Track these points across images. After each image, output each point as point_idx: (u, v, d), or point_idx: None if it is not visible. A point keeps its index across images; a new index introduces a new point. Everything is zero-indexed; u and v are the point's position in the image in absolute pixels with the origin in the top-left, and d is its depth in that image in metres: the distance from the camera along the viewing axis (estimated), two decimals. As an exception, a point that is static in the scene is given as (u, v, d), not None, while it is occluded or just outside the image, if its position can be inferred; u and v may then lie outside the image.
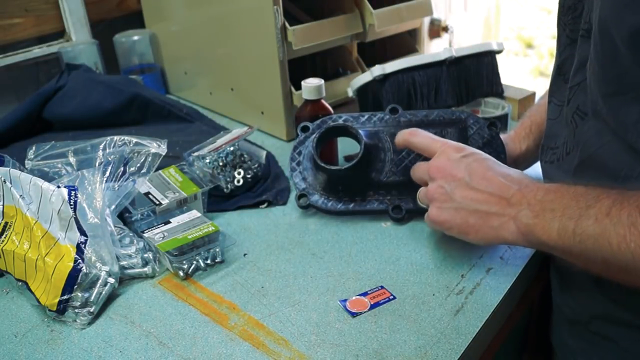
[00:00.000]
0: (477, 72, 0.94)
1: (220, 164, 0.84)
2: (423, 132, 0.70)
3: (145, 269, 0.70)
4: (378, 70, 0.93)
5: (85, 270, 0.64)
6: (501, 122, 0.97)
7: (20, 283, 0.67)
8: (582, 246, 0.51)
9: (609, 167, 0.56)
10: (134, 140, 0.78)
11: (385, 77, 0.93)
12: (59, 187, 0.67)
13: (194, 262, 0.70)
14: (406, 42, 1.21)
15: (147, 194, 0.77)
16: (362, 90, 0.98)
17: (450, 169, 0.63)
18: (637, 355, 0.60)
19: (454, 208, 0.62)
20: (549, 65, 4.09)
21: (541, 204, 0.56)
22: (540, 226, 0.55)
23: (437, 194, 0.63)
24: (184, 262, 0.70)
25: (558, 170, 0.65)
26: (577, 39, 0.62)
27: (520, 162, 0.82)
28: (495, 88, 0.96)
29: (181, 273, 0.69)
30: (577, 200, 0.53)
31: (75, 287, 0.63)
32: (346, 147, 0.98)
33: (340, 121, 0.82)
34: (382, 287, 0.67)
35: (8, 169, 0.70)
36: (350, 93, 1.01)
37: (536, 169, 0.79)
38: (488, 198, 0.60)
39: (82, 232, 0.66)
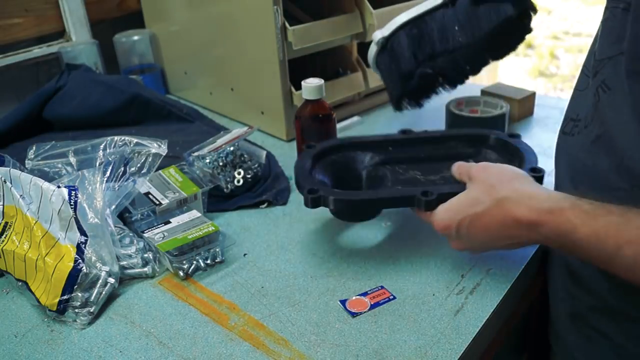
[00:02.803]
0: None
1: (220, 164, 0.84)
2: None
3: (145, 269, 0.70)
4: (378, 35, 0.88)
5: (85, 270, 0.64)
6: (499, 121, 0.97)
7: (20, 283, 0.67)
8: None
9: (619, 147, 0.56)
10: (135, 140, 0.78)
11: (390, 39, 0.87)
12: (59, 187, 0.67)
13: (194, 262, 0.70)
14: (406, 42, 1.20)
15: (147, 194, 0.77)
16: (379, 62, 0.93)
17: (451, 238, 0.63)
18: (632, 353, 0.60)
19: (468, 246, 0.63)
20: (549, 65, 4.10)
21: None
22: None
23: (447, 235, 0.64)
24: (184, 262, 0.70)
25: (574, 144, 0.64)
26: (617, 13, 0.59)
27: None
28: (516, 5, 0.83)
29: (181, 273, 0.69)
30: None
31: (75, 287, 0.63)
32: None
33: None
34: (382, 287, 0.67)
35: (8, 169, 0.70)
36: (374, 70, 0.97)
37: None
38: (497, 236, 0.59)
39: (82, 232, 0.66)
